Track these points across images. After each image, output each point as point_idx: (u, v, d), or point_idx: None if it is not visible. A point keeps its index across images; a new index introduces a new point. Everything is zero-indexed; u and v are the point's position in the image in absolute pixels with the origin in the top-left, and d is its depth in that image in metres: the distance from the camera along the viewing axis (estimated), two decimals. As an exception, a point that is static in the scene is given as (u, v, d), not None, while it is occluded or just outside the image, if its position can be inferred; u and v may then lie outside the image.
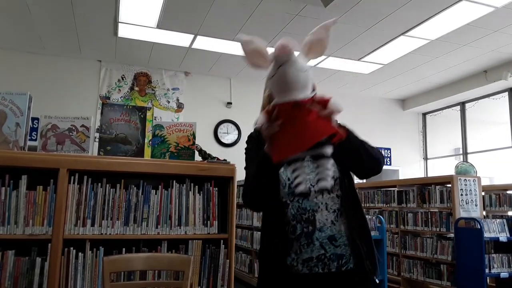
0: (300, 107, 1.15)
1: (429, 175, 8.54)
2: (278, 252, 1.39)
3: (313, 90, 1.23)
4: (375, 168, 1.44)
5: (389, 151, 8.52)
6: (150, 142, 2.44)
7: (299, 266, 1.36)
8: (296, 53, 1.17)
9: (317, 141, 1.19)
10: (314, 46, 1.23)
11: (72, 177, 1.99)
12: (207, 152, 2.39)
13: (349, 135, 1.33)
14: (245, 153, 1.59)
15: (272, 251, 1.41)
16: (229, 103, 7.37)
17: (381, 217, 3.84)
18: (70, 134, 2.27)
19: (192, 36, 5.70)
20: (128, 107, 2.40)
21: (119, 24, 5.37)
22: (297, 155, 1.32)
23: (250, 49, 1.21)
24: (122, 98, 6.80)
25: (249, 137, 1.61)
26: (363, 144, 1.38)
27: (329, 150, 1.37)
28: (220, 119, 7.30)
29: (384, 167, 7.16)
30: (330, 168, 1.39)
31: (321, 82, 7.58)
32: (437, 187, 4.64)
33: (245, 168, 1.55)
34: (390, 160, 8.51)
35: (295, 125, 1.15)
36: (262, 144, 1.39)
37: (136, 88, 6.92)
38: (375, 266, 1.41)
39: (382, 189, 5.60)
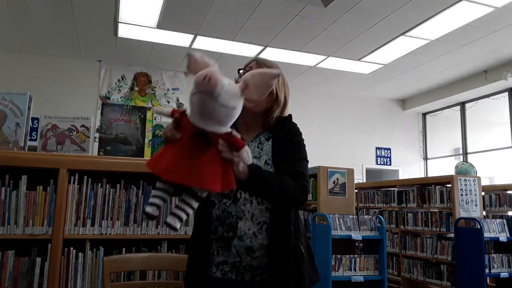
0: (204, 138, 1.07)
1: (429, 175, 8.54)
2: (197, 250, 1.37)
3: (234, 130, 1.12)
4: (288, 206, 1.35)
5: (389, 151, 8.53)
6: (150, 142, 2.44)
7: (213, 268, 1.34)
8: (225, 84, 1.04)
9: (198, 186, 1.09)
10: (251, 88, 1.12)
11: (72, 177, 1.99)
12: (207, 152, 2.38)
13: (248, 182, 1.19)
14: None
15: (193, 248, 1.39)
16: (229, 103, 7.36)
17: (381, 217, 3.84)
18: (70, 134, 2.27)
19: (192, 36, 5.70)
20: (128, 107, 2.41)
21: (119, 24, 5.37)
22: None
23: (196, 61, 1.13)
24: (122, 98, 6.80)
25: None
26: (269, 189, 1.26)
27: None
28: (220, 119, 7.30)
29: (384, 167, 7.14)
30: None
31: (321, 82, 7.58)
32: (437, 187, 4.64)
33: None
34: (390, 160, 8.52)
35: (191, 153, 1.07)
36: None
37: (136, 88, 6.92)
38: (301, 279, 1.33)
39: (382, 189, 5.60)
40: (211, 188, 1.07)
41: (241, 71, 1.48)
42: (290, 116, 1.50)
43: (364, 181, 7.94)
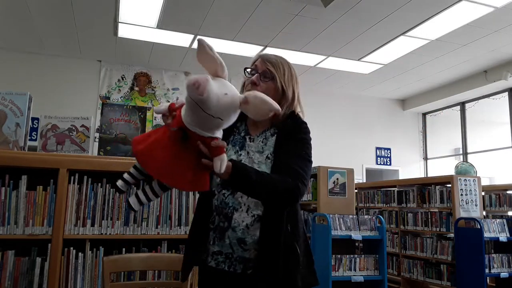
0: (186, 135, 1.11)
1: (429, 175, 8.54)
2: (195, 239, 1.40)
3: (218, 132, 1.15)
4: (275, 205, 1.31)
5: (389, 151, 8.53)
6: (150, 142, 2.44)
7: (208, 257, 1.36)
8: (217, 95, 1.05)
9: (172, 186, 1.17)
10: (249, 107, 1.13)
11: (72, 177, 1.99)
12: (207, 152, 2.38)
13: (231, 182, 1.21)
14: None
15: (192, 236, 1.43)
16: (229, 103, 7.36)
17: (381, 217, 3.84)
18: (70, 134, 2.27)
19: (192, 36, 5.70)
20: (128, 107, 2.41)
21: (119, 24, 5.37)
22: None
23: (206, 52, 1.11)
24: (122, 98, 6.79)
25: None
26: (252, 188, 1.24)
27: None
28: (220, 119, 7.30)
29: (384, 167, 7.13)
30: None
31: (321, 82, 7.58)
32: (437, 187, 4.64)
33: None
34: (390, 160, 8.52)
35: (173, 148, 1.11)
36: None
37: (136, 88, 6.92)
38: (293, 280, 1.31)
39: (382, 189, 5.60)
40: (182, 189, 1.13)
41: (248, 70, 1.47)
42: (297, 113, 1.48)
43: (364, 181, 7.94)
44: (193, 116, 1.08)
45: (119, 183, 1.21)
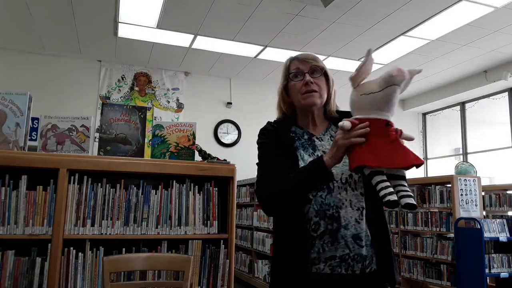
0: (390, 127, 1.24)
1: (429, 175, 8.54)
2: (300, 251, 1.29)
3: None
4: None
5: (389, 151, 8.51)
6: (150, 142, 2.45)
7: (320, 265, 1.28)
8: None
9: (407, 166, 1.19)
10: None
11: (72, 177, 1.99)
12: (207, 152, 2.39)
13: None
14: (260, 147, 1.46)
15: (293, 249, 1.31)
16: (229, 103, 7.37)
17: (381, 217, 3.85)
18: (70, 134, 2.27)
19: (192, 36, 5.70)
20: (128, 107, 2.40)
21: (119, 24, 5.37)
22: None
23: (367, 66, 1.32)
24: (122, 98, 6.80)
25: (264, 130, 1.47)
26: None
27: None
28: (220, 119, 7.30)
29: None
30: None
31: (321, 82, 7.58)
32: (437, 187, 4.64)
33: (259, 163, 1.43)
34: (390, 160, 8.50)
35: (387, 141, 1.22)
36: (280, 139, 1.38)
37: (136, 88, 6.92)
38: (394, 271, 1.33)
39: (382, 189, 5.59)
40: (420, 162, 1.19)
41: (291, 74, 1.45)
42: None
43: (364, 181, 7.93)
44: (391, 107, 1.26)
45: (392, 198, 1.14)
